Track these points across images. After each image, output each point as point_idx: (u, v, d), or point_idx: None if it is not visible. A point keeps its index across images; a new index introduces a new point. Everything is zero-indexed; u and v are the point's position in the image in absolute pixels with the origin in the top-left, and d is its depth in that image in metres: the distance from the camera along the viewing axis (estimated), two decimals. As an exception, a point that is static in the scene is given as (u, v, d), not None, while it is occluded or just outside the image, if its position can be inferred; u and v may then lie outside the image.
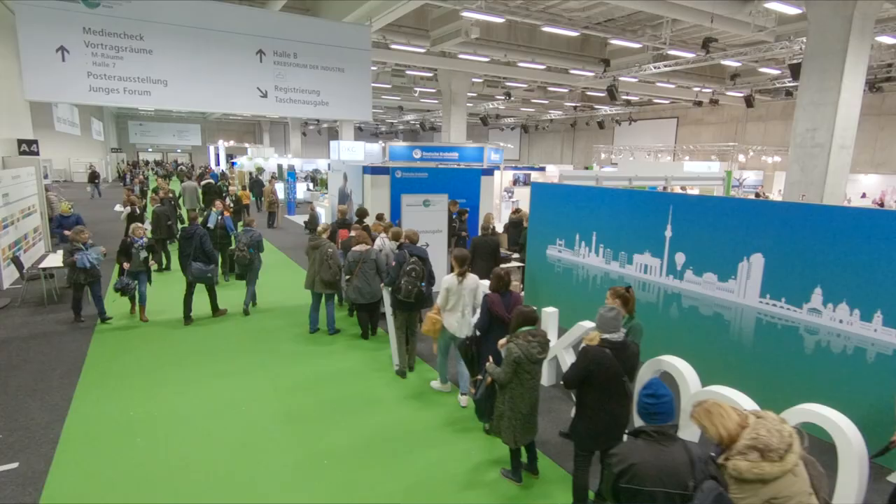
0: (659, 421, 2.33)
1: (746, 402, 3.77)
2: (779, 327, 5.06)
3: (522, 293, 8.54)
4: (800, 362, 4.87)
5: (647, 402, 2.35)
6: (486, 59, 17.03)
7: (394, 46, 15.76)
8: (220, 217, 9.37)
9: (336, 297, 8.20)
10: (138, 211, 10.89)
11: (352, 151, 20.47)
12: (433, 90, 22.76)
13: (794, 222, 4.94)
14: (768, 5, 11.17)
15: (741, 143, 21.04)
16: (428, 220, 9.00)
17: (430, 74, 20.54)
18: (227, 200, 11.43)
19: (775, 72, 17.59)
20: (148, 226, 10.47)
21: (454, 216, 10.98)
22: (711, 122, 23.63)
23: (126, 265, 7.22)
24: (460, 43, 14.81)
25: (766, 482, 2.19)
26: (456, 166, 14.48)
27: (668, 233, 6.03)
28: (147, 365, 5.99)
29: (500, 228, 11.38)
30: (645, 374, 4.57)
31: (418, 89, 23.32)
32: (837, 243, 4.60)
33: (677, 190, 12.34)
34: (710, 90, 20.01)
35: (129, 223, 10.82)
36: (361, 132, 36.09)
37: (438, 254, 8.98)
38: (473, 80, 21.36)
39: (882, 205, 17.29)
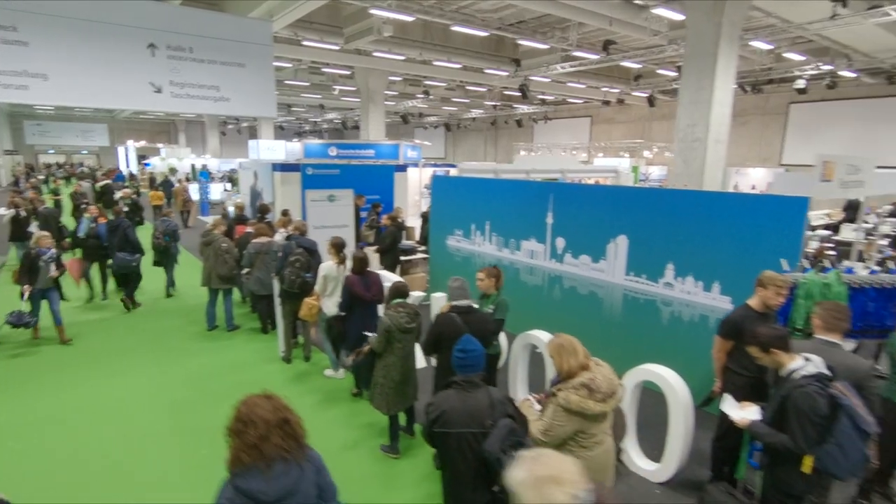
0: (468, 372, 2.62)
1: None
2: (641, 301, 5.56)
3: (428, 283, 8.81)
4: (658, 330, 5.39)
5: (458, 357, 2.67)
6: (402, 58, 17.16)
7: (306, 43, 15.56)
8: (93, 224, 8.17)
9: (240, 293, 8.09)
10: (23, 213, 10.13)
11: (272, 151, 20.01)
12: (353, 88, 22.64)
13: (650, 206, 5.45)
14: (656, 11, 12.03)
15: (647, 140, 22.56)
16: (334, 214, 9.02)
17: (348, 72, 20.42)
18: (121, 204, 10.78)
19: (673, 74, 18.94)
20: (35, 228, 9.73)
21: (367, 210, 11.10)
22: (621, 120, 25.12)
23: (27, 288, 5.88)
24: (374, 41, 14.86)
25: (585, 416, 2.53)
26: (372, 164, 14.53)
27: (550, 220, 6.44)
28: (25, 372, 5.67)
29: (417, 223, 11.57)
30: (517, 346, 4.92)
31: (338, 87, 23.09)
32: (684, 223, 5.13)
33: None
34: (616, 90, 21.27)
35: (14, 228, 10.05)
36: (283, 131, 35.20)
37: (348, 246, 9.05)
38: (392, 78, 21.44)
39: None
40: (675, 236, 5.20)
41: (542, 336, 4.71)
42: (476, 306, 3.70)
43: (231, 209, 14.43)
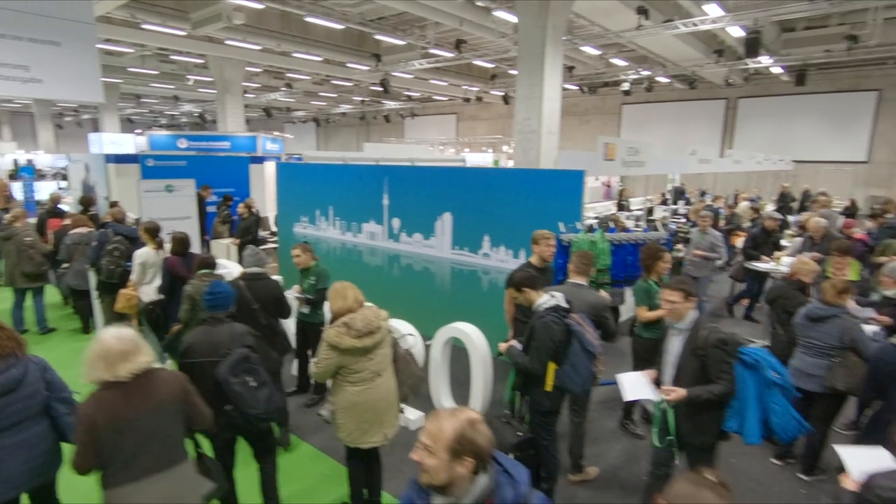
0: (215, 310, 2.99)
1: (407, 329, 4.56)
2: (465, 272, 6.10)
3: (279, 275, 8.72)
4: (479, 297, 5.95)
5: (207, 298, 3.00)
6: (259, 48, 16.57)
7: (147, 27, 14.36)
8: None
9: (59, 293, 7.37)
10: None
11: (117, 144, 18.11)
12: (210, 79, 21.29)
13: (468, 184, 6.00)
14: (496, 14, 12.98)
15: (506, 136, 24.19)
16: (173, 206, 8.57)
17: (202, 61, 19.19)
18: None
19: (525, 74, 20.58)
20: None
21: (212, 203, 10.62)
22: (484, 117, 26.64)
23: None
24: (226, 28, 14.16)
25: (342, 350, 2.84)
26: (226, 155, 13.87)
27: (386, 201, 6.77)
28: None
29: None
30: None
31: (192, 77, 21.57)
32: (495, 199, 5.72)
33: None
34: (476, 89, 22.53)
35: None
36: (132, 124, 31.94)
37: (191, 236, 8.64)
38: (252, 69, 20.57)
39: (609, 186, 21.25)
40: (489, 211, 5.79)
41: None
42: (262, 271, 3.97)
43: (64, 207, 12.95)
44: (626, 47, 16.28)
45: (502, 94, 21.46)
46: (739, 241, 8.50)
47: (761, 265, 6.69)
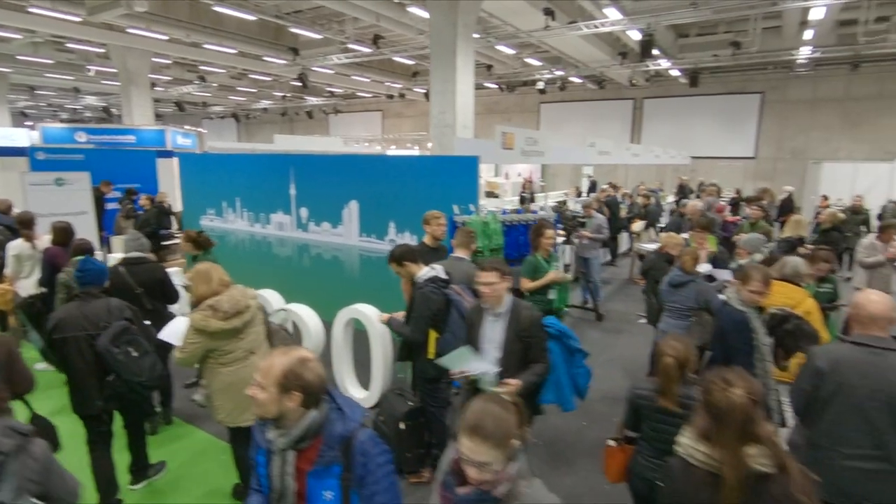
0: (87, 286, 3.02)
1: (311, 315, 4.63)
2: (374, 258, 6.21)
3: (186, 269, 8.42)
4: (389, 282, 6.05)
5: (78, 275, 2.99)
6: (166, 38, 15.74)
7: (35, 10, 13.24)
8: None
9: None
10: None
11: (8, 139, 16.55)
12: (115, 70, 19.92)
13: (373, 171, 6.12)
14: (410, 10, 13.15)
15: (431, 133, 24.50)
16: (65, 201, 8.03)
17: (104, 50, 17.93)
18: None
19: (446, 72, 20.92)
20: None
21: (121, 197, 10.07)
22: (409, 115, 26.78)
23: None
24: (127, 16, 13.34)
25: (210, 333, 2.81)
26: (131, 150, 13.11)
27: (293, 191, 6.74)
28: None
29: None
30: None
31: (93, 67, 20.07)
32: (398, 185, 5.87)
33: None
34: (399, 86, 22.63)
35: None
36: (26, 117, 29.22)
37: (88, 236, 8.14)
38: (162, 61, 19.48)
39: (531, 181, 22.04)
40: (393, 198, 5.93)
41: (263, 293, 5.00)
42: (143, 255, 3.93)
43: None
44: (540, 48, 16.98)
45: (424, 91, 21.70)
46: (637, 226, 9.19)
47: (650, 245, 7.33)
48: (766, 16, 14.53)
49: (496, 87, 22.45)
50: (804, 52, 15.92)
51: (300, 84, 18.26)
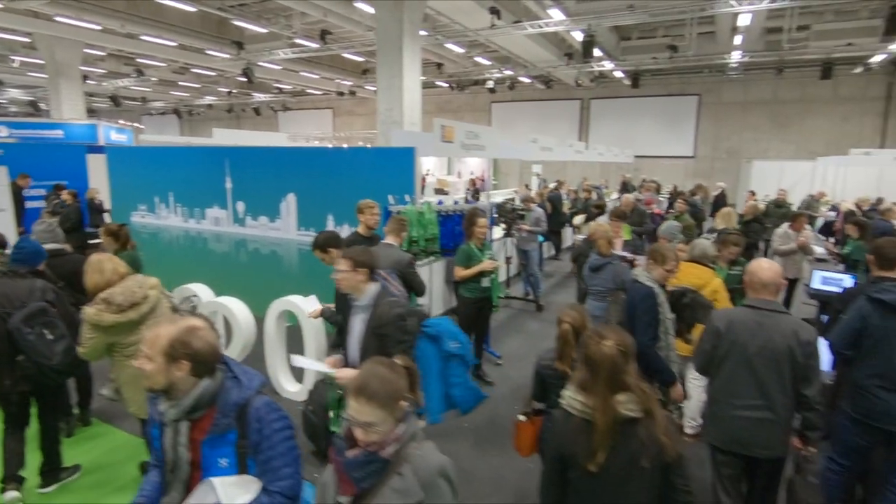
0: (19, 265, 3.04)
1: (241, 308, 4.51)
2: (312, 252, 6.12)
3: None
4: (327, 276, 6.01)
5: (13, 252, 3.09)
6: (98, 28, 14.95)
7: (-53, -6, 12.31)
8: None
9: None
10: None
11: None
12: (42, 61, 18.76)
13: (310, 164, 6.03)
14: (359, 5, 13.04)
15: (383, 132, 24.40)
16: (-22, 197, 7.50)
17: (30, 40, 16.86)
18: None
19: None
20: None
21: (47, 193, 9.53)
22: (361, 112, 26.54)
23: None
24: (54, 3, 12.60)
25: (106, 329, 2.67)
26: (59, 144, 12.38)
27: (229, 184, 6.56)
28: None
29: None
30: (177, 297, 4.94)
31: (18, 58, 18.82)
32: (336, 177, 5.82)
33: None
34: (350, 83, 22.40)
35: None
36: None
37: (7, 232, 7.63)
38: (96, 52, 18.50)
39: (483, 179, 22.23)
40: (331, 190, 5.87)
41: (193, 287, 4.84)
42: (60, 247, 3.73)
43: None
44: (490, 47, 17.18)
45: (375, 89, 21.52)
46: (578, 220, 9.44)
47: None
48: (700, 21, 15.26)
49: (447, 85, 22.57)
50: (735, 57, 16.80)
51: (246, 80, 17.76)
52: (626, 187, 15.66)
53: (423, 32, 13.90)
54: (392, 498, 1.47)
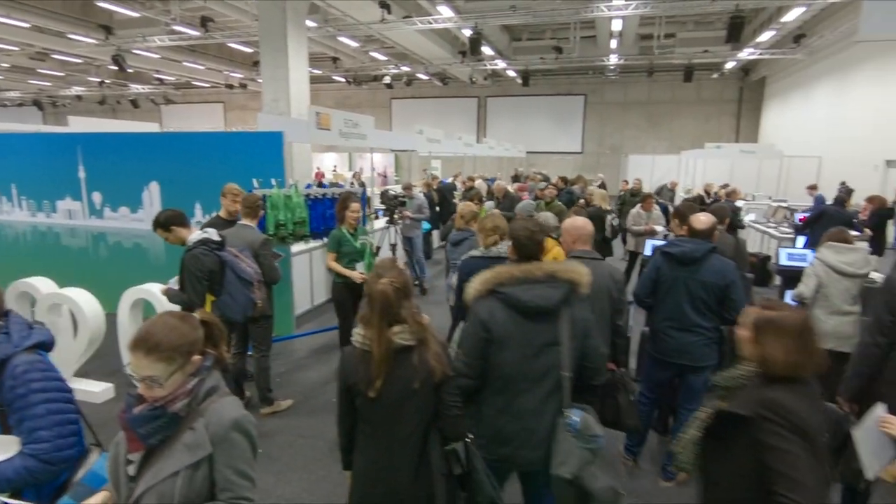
0: None
1: (88, 300, 4.20)
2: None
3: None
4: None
5: None
6: (-70, 4, 13.02)
7: None
8: None
9: None
10: None
11: None
12: None
13: (174, 150, 5.72)
14: (239, -7, 12.52)
15: (280, 127, 23.56)
16: None
17: None
18: None
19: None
20: None
21: None
22: (254, 107, 25.36)
23: None
24: None
25: None
26: None
27: (82, 174, 6.05)
28: None
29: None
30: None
31: None
32: (202, 163, 5.56)
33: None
34: (240, 75, 21.39)
35: None
36: None
37: None
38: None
39: (385, 175, 22.19)
40: (197, 177, 5.61)
41: (33, 281, 4.44)
42: None
43: None
44: (386, 43, 17.20)
45: (268, 82, 20.74)
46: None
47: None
48: (583, 26, 16.38)
49: (344, 80, 22.29)
50: (613, 60, 18.24)
51: (117, 68, 16.33)
52: (517, 178, 16.49)
53: (312, 24, 13.66)
54: (181, 453, 1.42)
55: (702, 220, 3.04)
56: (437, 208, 9.25)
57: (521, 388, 2.01)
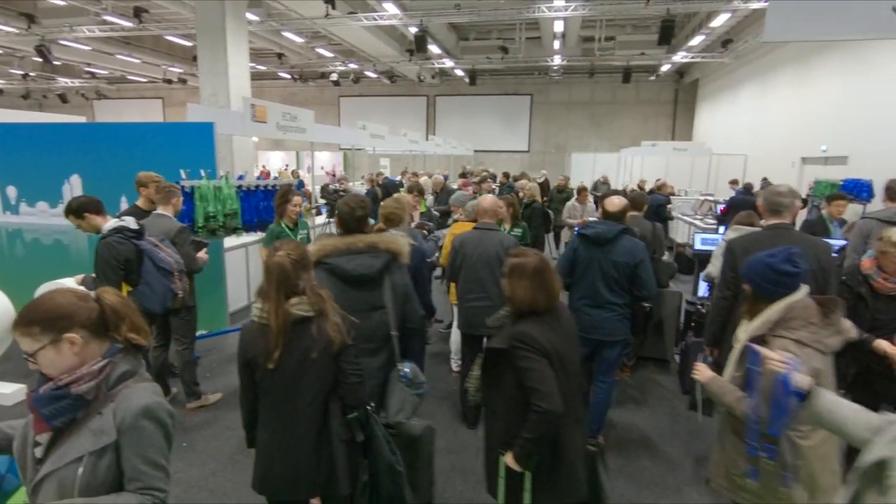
0: None
1: None
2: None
3: None
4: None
5: None
6: None
7: None
8: None
9: None
10: None
11: None
12: None
13: (96, 141, 5.47)
14: (178, -17, 12.06)
15: (223, 125, 22.80)
16: None
17: None
18: None
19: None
20: None
21: None
22: (196, 103, 24.50)
23: None
24: None
25: None
26: None
27: (-7, 166, 5.69)
28: None
29: None
30: None
31: None
32: (128, 154, 5.34)
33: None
34: (179, 70, 20.58)
35: None
36: None
37: None
38: None
39: (334, 173, 21.88)
40: (124, 169, 5.35)
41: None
42: None
43: None
44: (333, 39, 16.99)
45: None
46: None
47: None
48: (528, 27, 16.75)
49: (290, 77, 21.85)
50: (557, 61, 18.73)
51: (42, 60, 15.35)
52: (464, 175, 16.71)
53: (254, 18, 13.33)
54: (86, 438, 1.36)
55: (614, 202, 3.22)
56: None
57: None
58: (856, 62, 9.89)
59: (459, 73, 20.78)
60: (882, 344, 2.50)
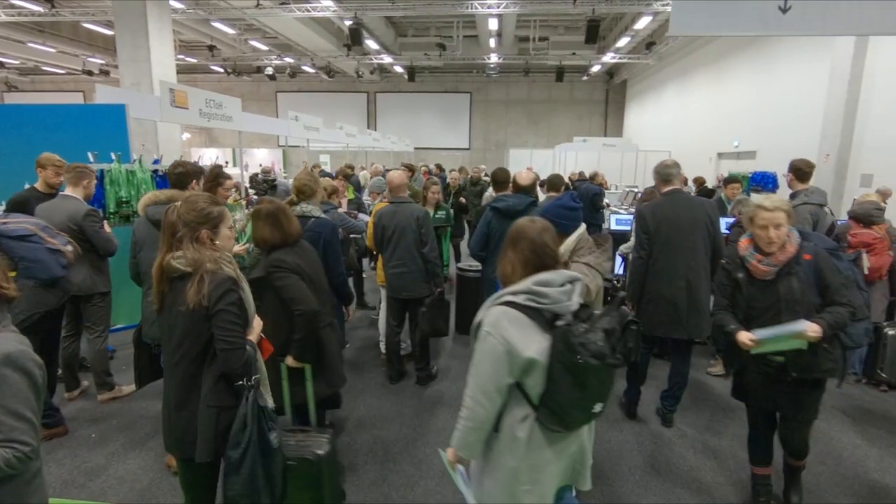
0: None
1: None
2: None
3: None
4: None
5: None
6: None
7: None
8: None
9: None
10: None
11: None
12: None
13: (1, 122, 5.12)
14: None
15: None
16: None
17: None
18: None
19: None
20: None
21: None
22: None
23: None
24: None
25: None
26: None
27: None
28: None
29: None
30: None
31: None
32: (36, 138, 5.00)
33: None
34: (101, 61, 19.39)
35: None
36: None
37: None
38: None
39: (273, 170, 21.23)
40: (28, 152, 5.00)
41: None
42: None
43: None
44: (267, 32, 16.52)
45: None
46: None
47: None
48: (465, 24, 16.97)
49: (223, 70, 21.08)
50: (494, 59, 19.10)
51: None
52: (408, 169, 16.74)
53: (179, 5, 12.79)
54: None
55: (524, 176, 3.37)
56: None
57: None
58: (765, 64, 10.74)
59: (399, 70, 20.76)
60: (742, 336, 2.32)
